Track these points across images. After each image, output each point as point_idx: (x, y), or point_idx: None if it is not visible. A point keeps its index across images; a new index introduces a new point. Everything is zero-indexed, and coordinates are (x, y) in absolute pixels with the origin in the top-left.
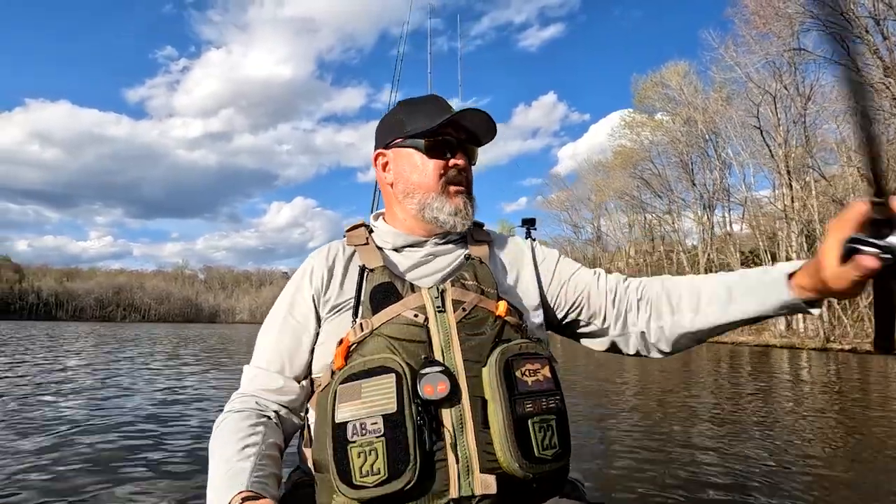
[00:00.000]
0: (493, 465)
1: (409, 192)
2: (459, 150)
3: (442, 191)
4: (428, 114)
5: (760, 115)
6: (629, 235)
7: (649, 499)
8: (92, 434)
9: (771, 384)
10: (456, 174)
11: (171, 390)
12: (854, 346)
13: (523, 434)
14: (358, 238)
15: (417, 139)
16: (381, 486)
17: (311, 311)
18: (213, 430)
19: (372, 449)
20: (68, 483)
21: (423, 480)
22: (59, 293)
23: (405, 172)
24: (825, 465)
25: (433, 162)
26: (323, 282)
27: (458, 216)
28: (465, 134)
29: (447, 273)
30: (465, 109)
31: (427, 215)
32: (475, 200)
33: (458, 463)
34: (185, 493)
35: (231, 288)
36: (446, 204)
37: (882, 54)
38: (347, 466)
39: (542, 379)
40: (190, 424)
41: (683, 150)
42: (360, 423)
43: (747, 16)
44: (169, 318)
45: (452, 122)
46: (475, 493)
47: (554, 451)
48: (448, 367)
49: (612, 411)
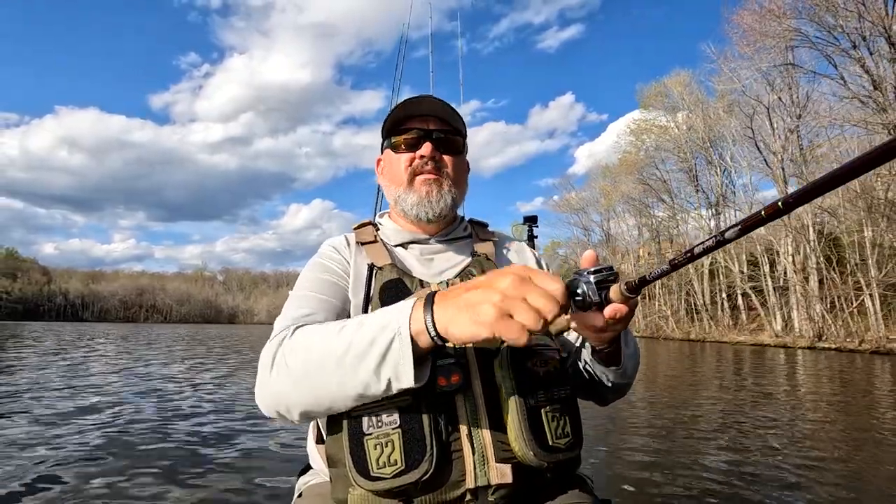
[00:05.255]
0: (507, 454)
1: (388, 190)
2: (426, 140)
3: (409, 183)
4: (395, 113)
5: (757, 126)
6: (638, 238)
7: (654, 497)
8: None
9: (770, 382)
10: (421, 164)
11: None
12: (840, 346)
13: (537, 423)
14: (366, 236)
15: (389, 139)
16: (398, 476)
17: (342, 280)
18: (281, 354)
19: (388, 440)
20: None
21: (439, 471)
22: (85, 295)
23: (386, 173)
24: (825, 464)
25: (400, 157)
26: (343, 268)
27: (420, 206)
28: (436, 124)
29: (456, 269)
30: (410, 98)
31: (399, 208)
32: (461, 190)
33: (473, 453)
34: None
35: (249, 289)
36: (411, 195)
37: (869, 66)
38: (364, 458)
39: (553, 370)
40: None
41: (687, 156)
42: (375, 416)
43: (740, 33)
44: (189, 319)
45: (421, 114)
46: (491, 483)
47: (567, 440)
48: (460, 359)
49: (616, 408)
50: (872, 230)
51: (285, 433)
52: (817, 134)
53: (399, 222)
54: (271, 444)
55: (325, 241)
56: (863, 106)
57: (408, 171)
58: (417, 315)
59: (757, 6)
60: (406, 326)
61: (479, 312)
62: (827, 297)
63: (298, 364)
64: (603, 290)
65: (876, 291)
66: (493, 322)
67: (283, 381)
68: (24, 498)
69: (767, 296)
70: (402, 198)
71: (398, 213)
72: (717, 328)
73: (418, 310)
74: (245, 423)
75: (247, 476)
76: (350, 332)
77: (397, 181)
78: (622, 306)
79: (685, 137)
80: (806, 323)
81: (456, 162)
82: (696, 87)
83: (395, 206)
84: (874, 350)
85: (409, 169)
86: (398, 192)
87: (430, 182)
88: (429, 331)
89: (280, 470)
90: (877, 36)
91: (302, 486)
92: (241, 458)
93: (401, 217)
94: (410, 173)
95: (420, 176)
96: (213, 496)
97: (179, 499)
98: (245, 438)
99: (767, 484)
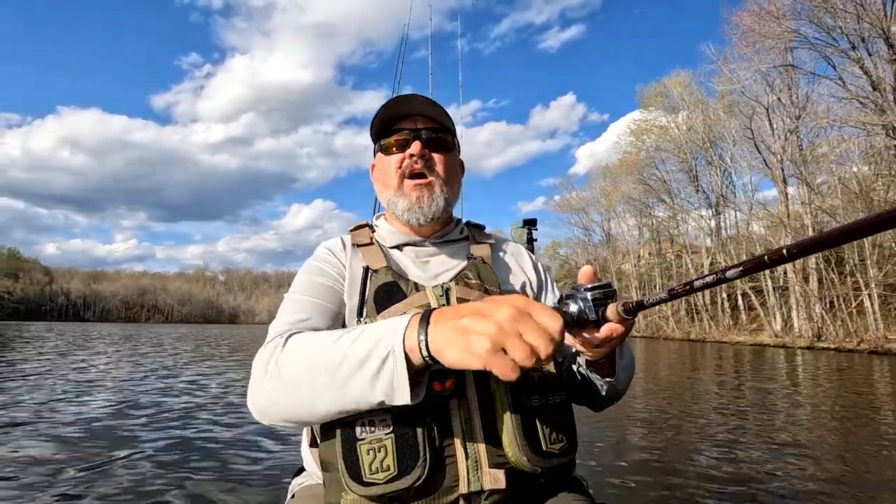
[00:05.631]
0: (501, 459)
1: (380, 193)
2: (414, 140)
3: (399, 186)
4: (382, 114)
5: (757, 126)
6: (639, 238)
7: (650, 499)
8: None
9: (770, 381)
10: (411, 164)
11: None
12: (838, 346)
13: (530, 429)
14: (362, 238)
15: (378, 142)
16: (391, 482)
17: (337, 283)
18: (275, 364)
19: (381, 445)
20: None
21: (432, 476)
22: (86, 295)
23: (377, 175)
24: (825, 464)
25: (389, 158)
26: (339, 271)
27: (411, 212)
28: (425, 123)
29: (451, 273)
30: (395, 97)
31: (394, 213)
32: (453, 189)
33: (466, 458)
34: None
35: (250, 290)
36: (402, 200)
37: (868, 68)
38: (357, 464)
39: (548, 375)
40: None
41: (688, 156)
42: (368, 421)
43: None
44: (191, 319)
45: (402, 115)
46: (484, 489)
47: (561, 445)
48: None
49: (614, 409)
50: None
51: (279, 434)
52: (817, 135)
53: (394, 224)
54: (265, 445)
55: (321, 242)
56: (862, 107)
57: (398, 173)
58: (412, 333)
59: (756, 7)
60: (400, 344)
61: (472, 342)
62: (826, 298)
63: (292, 373)
64: (600, 308)
65: (875, 292)
66: (485, 355)
67: (276, 388)
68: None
69: (767, 296)
70: (393, 201)
71: (392, 216)
72: (717, 328)
73: (412, 328)
74: (239, 422)
75: (240, 476)
76: (345, 345)
77: (388, 184)
78: (619, 326)
79: (685, 138)
80: (805, 323)
81: (447, 160)
82: (696, 88)
83: (388, 208)
84: (872, 350)
85: (398, 171)
86: (389, 195)
87: (421, 187)
88: (421, 351)
89: (274, 471)
90: (875, 37)
91: (295, 488)
92: (235, 458)
93: (395, 219)
94: (400, 175)
95: (410, 180)
96: (206, 496)
97: (172, 498)
98: (239, 438)
99: (767, 484)
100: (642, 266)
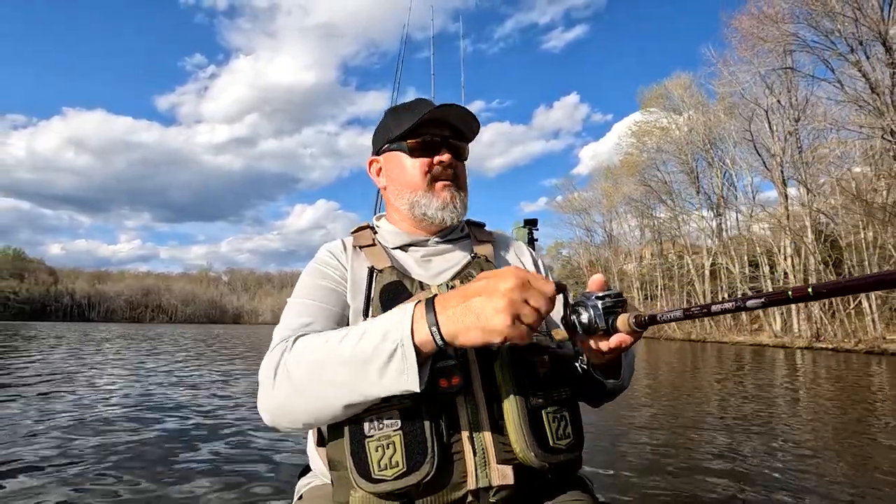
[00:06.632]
0: (509, 455)
1: (399, 193)
2: (443, 147)
3: (428, 188)
4: (411, 116)
5: (756, 128)
6: (640, 239)
7: (654, 498)
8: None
9: (769, 381)
10: (441, 170)
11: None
12: (836, 346)
13: (538, 425)
14: (364, 239)
15: (402, 141)
16: (399, 478)
17: (340, 285)
18: (284, 367)
19: (389, 442)
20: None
21: (440, 472)
22: (91, 295)
23: (394, 175)
24: (824, 464)
25: (418, 161)
26: (341, 273)
27: (445, 210)
28: (449, 131)
29: (455, 271)
30: (442, 105)
31: (416, 213)
32: (467, 196)
33: (474, 455)
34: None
35: (254, 290)
36: (433, 200)
37: (866, 70)
38: (366, 461)
39: (554, 371)
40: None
41: (689, 158)
42: (376, 418)
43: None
44: (195, 320)
45: (435, 119)
46: (493, 484)
47: (568, 441)
48: (461, 361)
49: (616, 409)
50: (874, 230)
51: (284, 434)
52: (816, 137)
53: (399, 225)
54: (271, 445)
55: (324, 243)
56: (860, 109)
57: (427, 176)
58: (420, 322)
59: (755, 11)
60: (408, 335)
61: (489, 320)
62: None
63: (301, 375)
64: (610, 317)
65: (873, 293)
66: (504, 329)
67: (286, 392)
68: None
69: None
70: (419, 202)
71: (404, 216)
72: (717, 328)
73: (420, 317)
74: (244, 423)
75: (246, 477)
76: (352, 342)
77: (412, 185)
78: (628, 337)
79: (686, 139)
80: (804, 324)
81: (463, 168)
82: (696, 90)
83: (410, 209)
84: (868, 350)
85: (427, 174)
86: (415, 196)
87: (451, 188)
88: (435, 340)
89: (279, 471)
90: (873, 40)
91: (302, 488)
92: (241, 459)
93: (404, 219)
94: (430, 178)
95: (440, 182)
96: (212, 496)
97: (178, 498)
98: (244, 439)
99: (766, 485)
100: (644, 267)
